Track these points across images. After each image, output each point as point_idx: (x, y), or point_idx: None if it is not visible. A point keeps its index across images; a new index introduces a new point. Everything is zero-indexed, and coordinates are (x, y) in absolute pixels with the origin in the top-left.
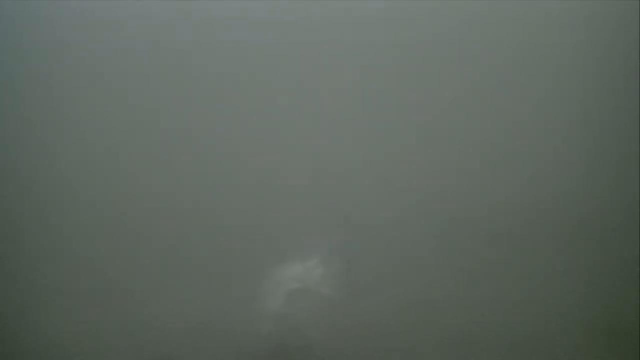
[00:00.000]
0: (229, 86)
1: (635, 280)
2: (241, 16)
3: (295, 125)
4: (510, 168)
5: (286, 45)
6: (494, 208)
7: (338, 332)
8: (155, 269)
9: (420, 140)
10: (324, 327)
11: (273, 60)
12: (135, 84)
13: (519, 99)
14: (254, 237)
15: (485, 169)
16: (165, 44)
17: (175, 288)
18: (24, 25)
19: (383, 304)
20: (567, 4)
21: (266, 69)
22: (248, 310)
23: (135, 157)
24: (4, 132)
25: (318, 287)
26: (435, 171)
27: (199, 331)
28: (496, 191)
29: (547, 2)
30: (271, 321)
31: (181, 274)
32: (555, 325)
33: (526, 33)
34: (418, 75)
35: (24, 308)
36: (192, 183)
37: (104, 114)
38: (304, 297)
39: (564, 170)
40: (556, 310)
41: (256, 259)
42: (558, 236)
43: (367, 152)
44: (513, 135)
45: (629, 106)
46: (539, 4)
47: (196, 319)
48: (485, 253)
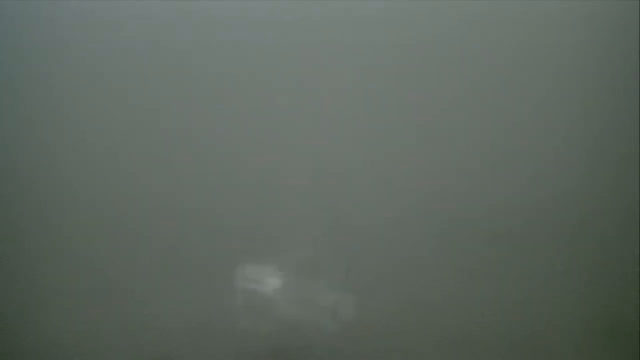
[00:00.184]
0: (229, 86)
1: (635, 280)
2: (241, 16)
3: (295, 125)
4: (510, 168)
5: (286, 45)
6: (494, 208)
7: (338, 332)
8: (155, 269)
9: (420, 140)
10: (324, 327)
11: (273, 60)
12: (135, 84)
13: (519, 99)
14: (254, 237)
15: (485, 169)
16: (165, 44)
17: (175, 288)
18: (24, 25)
19: (383, 304)
20: (567, 4)
21: (266, 69)
22: (248, 311)
23: (135, 157)
24: (4, 132)
25: (318, 287)
26: (435, 171)
27: (199, 331)
28: (496, 191)
29: (547, 2)
30: (271, 321)
31: (181, 274)
32: (555, 325)
33: (526, 33)
34: (418, 76)
35: (24, 308)
36: (192, 183)
37: (104, 114)
38: (304, 297)
39: (564, 170)
40: (556, 310)
41: (256, 259)
42: (558, 236)
43: (367, 152)
44: (513, 135)
45: (629, 106)
46: (539, 4)
47: (196, 319)
48: (485, 253)
